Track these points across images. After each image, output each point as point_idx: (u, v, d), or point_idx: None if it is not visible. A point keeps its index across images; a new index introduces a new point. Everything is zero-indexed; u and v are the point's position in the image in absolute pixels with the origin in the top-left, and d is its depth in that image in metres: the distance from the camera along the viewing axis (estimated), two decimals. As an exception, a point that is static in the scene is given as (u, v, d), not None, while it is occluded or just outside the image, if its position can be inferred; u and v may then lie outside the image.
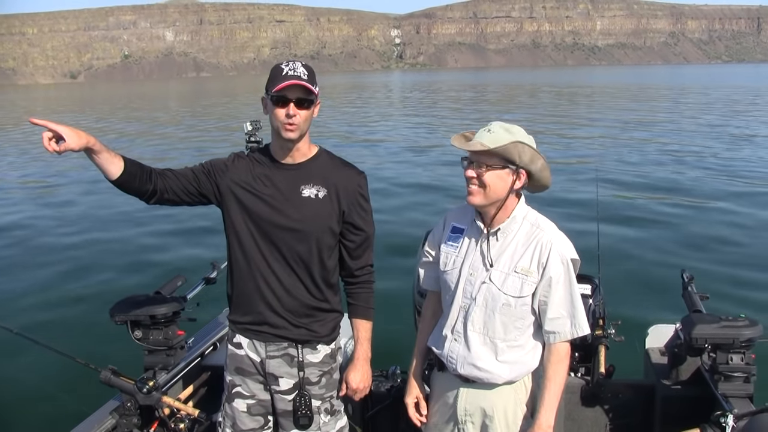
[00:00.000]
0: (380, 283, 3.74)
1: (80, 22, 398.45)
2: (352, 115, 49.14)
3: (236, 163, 3.44)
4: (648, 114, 42.22)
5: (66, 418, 4.29)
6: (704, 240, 13.11)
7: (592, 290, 4.79)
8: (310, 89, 3.18)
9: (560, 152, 25.03)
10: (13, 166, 28.01)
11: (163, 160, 25.66)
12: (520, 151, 3.05)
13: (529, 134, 3.13)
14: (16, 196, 21.06)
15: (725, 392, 3.92)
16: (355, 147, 27.84)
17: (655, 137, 29.81)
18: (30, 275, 12.07)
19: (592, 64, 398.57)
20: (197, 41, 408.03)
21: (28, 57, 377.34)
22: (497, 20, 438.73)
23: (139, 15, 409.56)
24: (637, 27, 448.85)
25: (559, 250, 3.14)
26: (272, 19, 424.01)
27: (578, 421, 4.54)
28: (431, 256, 3.49)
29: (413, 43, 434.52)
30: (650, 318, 5.21)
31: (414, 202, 17.23)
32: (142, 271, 11.79)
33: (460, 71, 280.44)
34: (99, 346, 7.18)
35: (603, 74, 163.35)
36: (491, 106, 56.13)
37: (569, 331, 3.17)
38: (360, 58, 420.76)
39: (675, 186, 18.42)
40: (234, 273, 3.46)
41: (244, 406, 3.53)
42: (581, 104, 54.60)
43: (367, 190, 3.46)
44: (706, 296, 4.61)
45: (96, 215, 17.24)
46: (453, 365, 3.31)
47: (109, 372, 4.09)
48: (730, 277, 10.53)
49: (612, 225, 13.43)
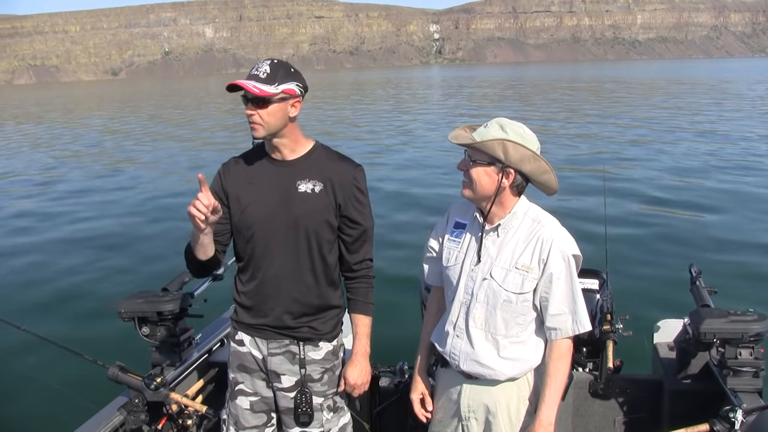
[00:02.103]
0: (389, 277, 3.71)
1: (121, 20, 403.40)
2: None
3: (228, 171, 3.44)
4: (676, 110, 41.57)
5: (74, 414, 4.26)
6: (714, 234, 12.97)
7: (599, 285, 4.76)
8: (260, 89, 3.14)
9: (569, 148, 24.85)
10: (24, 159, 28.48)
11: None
12: (506, 150, 3.02)
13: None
14: (18, 191, 21.30)
15: (734, 387, 3.87)
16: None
17: (680, 131, 29.37)
18: (36, 272, 12.15)
19: (633, 58, 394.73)
20: (236, 37, 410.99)
21: (71, 54, 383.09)
22: (536, 15, 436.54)
23: (179, 12, 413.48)
24: (678, 20, 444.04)
25: (561, 246, 3.10)
26: (311, 15, 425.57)
27: (586, 417, 4.52)
28: (435, 252, 3.47)
29: (452, 39, 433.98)
30: (658, 313, 5.14)
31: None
32: (150, 268, 11.81)
33: (499, 66, 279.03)
34: (106, 343, 7.19)
35: (643, 68, 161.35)
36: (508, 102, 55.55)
37: (571, 327, 3.14)
38: (399, 53, 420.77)
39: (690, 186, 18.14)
40: (237, 271, 3.49)
41: (247, 403, 3.54)
42: (613, 99, 53.90)
43: (364, 183, 3.44)
44: (714, 290, 4.55)
45: (103, 211, 17.34)
46: (456, 362, 3.30)
47: (117, 368, 4.10)
48: (739, 271, 10.39)
49: (620, 219, 13.42)
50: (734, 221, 13.85)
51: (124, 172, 23.26)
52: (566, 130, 30.95)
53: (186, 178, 20.90)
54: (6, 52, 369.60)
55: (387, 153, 25.55)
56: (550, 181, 3.12)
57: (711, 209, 14.97)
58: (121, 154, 28.60)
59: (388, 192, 17.40)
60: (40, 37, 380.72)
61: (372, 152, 25.51)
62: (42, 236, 15.00)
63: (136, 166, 24.71)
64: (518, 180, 3.10)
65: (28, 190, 21.27)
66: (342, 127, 36.48)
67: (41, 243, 14.37)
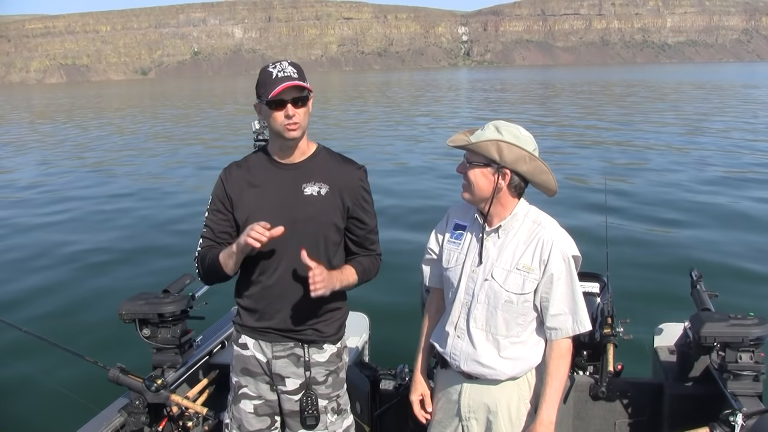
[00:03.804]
0: (389, 280, 3.72)
1: (151, 20, 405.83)
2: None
3: (231, 176, 3.46)
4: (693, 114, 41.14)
5: (75, 415, 4.28)
6: (715, 238, 12.97)
7: (600, 288, 4.78)
8: (304, 86, 3.20)
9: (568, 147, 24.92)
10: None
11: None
12: (500, 150, 3.06)
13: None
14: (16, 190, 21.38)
15: (734, 391, 3.88)
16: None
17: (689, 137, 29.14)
18: (38, 273, 12.15)
19: (662, 62, 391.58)
20: (265, 38, 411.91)
21: (101, 54, 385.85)
22: (565, 17, 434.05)
23: (209, 12, 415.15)
24: (708, 24, 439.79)
25: (561, 247, 3.15)
26: (340, 16, 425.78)
27: (587, 420, 4.54)
28: (435, 254, 3.51)
29: (480, 41, 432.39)
30: (659, 316, 5.14)
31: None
32: (151, 270, 11.80)
33: (527, 69, 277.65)
34: (107, 344, 7.21)
35: (672, 72, 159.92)
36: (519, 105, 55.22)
37: (571, 327, 3.19)
38: (427, 55, 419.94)
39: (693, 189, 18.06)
40: (241, 274, 3.49)
41: (250, 407, 3.54)
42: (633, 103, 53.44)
43: (368, 183, 3.47)
44: (714, 294, 4.56)
45: (105, 214, 17.37)
46: (456, 362, 3.33)
47: (118, 370, 4.13)
48: (739, 275, 10.37)
49: (622, 222, 13.38)
50: (735, 230, 13.79)
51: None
52: (573, 135, 30.89)
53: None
54: (38, 52, 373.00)
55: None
56: (548, 182, 3.16)
57: (713, 217, 14.93)
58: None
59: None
60: (72, 37, 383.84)
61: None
62: (44, 237, 15.10)
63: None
64: (516, 181, 3.15)
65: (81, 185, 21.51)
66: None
67: (40, 243, 14.45)
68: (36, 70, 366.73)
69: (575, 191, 17.11)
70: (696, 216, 14.94)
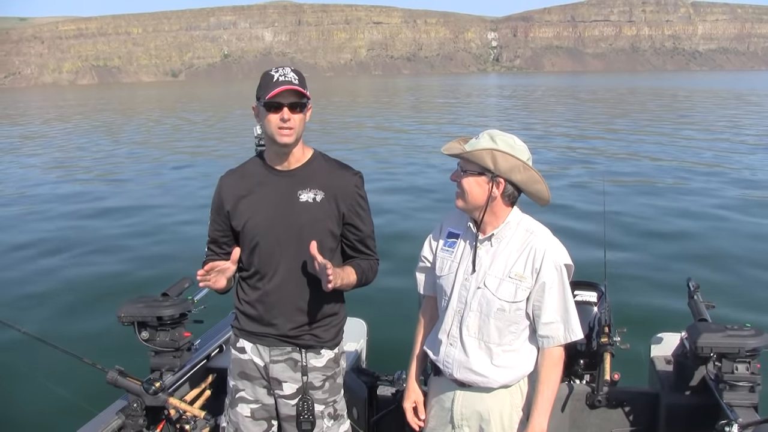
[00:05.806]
0: (387, 286, 3.73)
1: (182, 23, 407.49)
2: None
3: (227, 184, 3.50)
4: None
5: (72, 417, 4.30)
6: (712, 249, 12.95)
7: (598, 297, 4.78)
8: (303, 93, 3.22)
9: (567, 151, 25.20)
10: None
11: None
12: (495, 159, 3.09)
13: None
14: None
15: (730, 401, 3.89)
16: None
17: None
18: (37, 276, 12.24)
19: (693, 69, 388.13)
20: (295, 42, 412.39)
21: (132, 56, 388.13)
22: (595, 24, 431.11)
23: (239, 15, 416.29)
24: (740, 31, 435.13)
25: (553, 255, 3.18)
26: (369, 20, 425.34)
27: (583, 428, 4.54)
28: (428, 261, 3.53)
29: (510, 46, 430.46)
30: (656, 326, 5.14)
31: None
32: (150, 273, 11.88)
33: (557, 75, 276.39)
34: (106, 347, 7.19)
35: (703, 79, 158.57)
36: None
37: (562, 335, 3.21)
38: (456, 60, 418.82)
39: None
40: (239, 280, 3.54)
41: (247, 410, 3.58)
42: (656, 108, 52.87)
43: (364, 189, 3.49)
44: (711, 305, 4.57)
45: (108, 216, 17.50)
46: (449, 370, 3.35)
47: (116, 372, 4.15)
48: (736, 286, 10.40)
49: (621, 233, 13.41)
50: (734, 238, 13.81)
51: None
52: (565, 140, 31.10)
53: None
54: (71, 53, 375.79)
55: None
56: (541, 191, 3.19)
57: (714, 225, 14.98)
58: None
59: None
60: (104, 39, 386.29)
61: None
62: (45, 239, 15.20)
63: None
64: (509, 190, 3.17)
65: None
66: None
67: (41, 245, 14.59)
68: (68, 72, 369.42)
69: (574, 199, 17.15)
70: (696, 225, 15.01)
